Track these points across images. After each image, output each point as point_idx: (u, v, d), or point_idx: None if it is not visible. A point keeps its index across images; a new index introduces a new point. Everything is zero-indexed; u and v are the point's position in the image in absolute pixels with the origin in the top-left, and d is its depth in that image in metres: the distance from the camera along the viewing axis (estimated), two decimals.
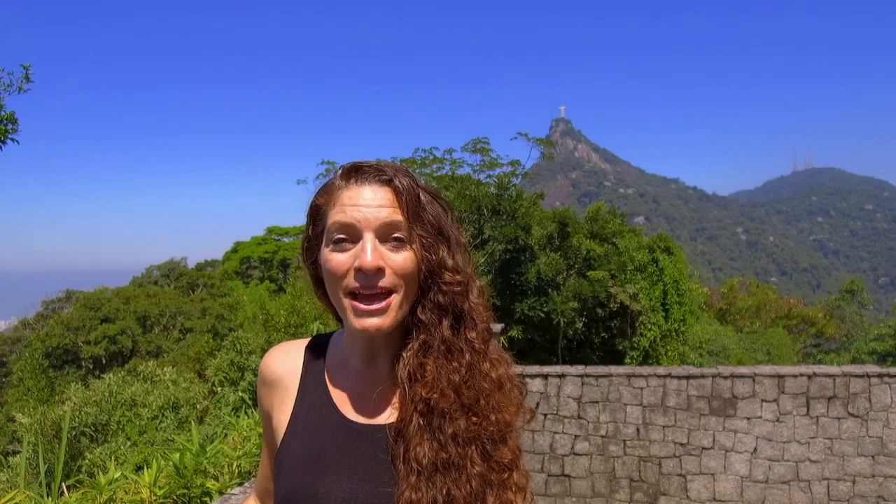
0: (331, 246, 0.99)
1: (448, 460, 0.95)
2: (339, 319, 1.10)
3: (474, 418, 0.98)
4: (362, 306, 0.96)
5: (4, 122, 6.37)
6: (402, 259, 0.98)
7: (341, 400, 1.07)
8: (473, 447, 0.97)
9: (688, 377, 7.90)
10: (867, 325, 26.40)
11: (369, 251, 0.95)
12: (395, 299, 0.97)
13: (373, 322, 0.96)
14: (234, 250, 39.86)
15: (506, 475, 0.99)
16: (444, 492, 0.94)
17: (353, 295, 0.97)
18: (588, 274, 16.51)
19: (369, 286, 0.96)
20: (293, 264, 34.37)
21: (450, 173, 17.56)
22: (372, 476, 0.99)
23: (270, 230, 40.06)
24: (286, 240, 39.19)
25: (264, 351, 11.93)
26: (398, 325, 1.02)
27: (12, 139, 6.48)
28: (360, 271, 0.96)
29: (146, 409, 10.58)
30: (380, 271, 0.96)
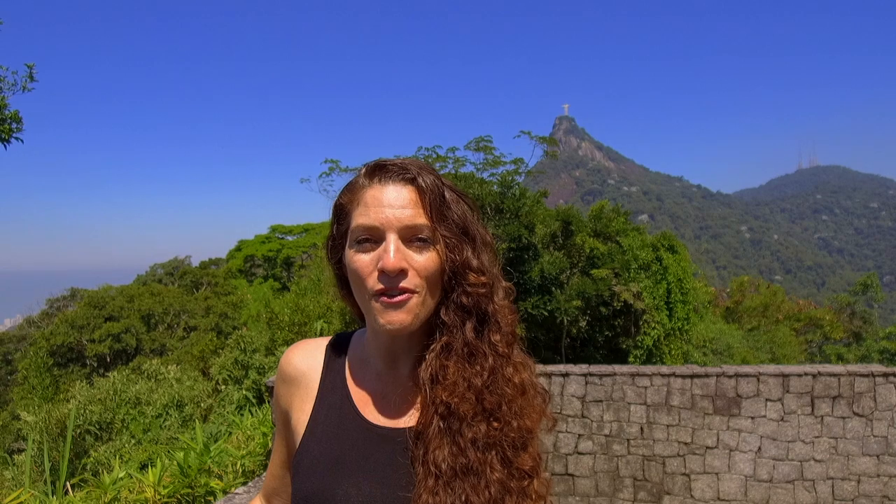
0: (355, 247, 0.99)
1: (467, 465, 0.94)
2: (361, 318, 1.09)
3: (496, 423, 0.97)
4: (387, 300, 0.95)
5: (9, 121, 6.38)
6: (426, 259, 0.97)
7: (362, 402, 1.06)
8: (493, 453, 0.96)
9: (692, 376, 7.88)
10: (875, 324, 26.29)
11: (392, 252, 0.94)
12: (415, 298, 0.96)
13: (397, 317, 0.95)
14: (238, 249, 39.93)
15: (526, 482, 0.98)
16: (463, 498, 0.92)
17: (376, 295, 0.96)
18: (592, 272, 16.47)
19: (392, 287, 0.95)
20: (297, 263, 34.41)
21: (453, 172, 17.55)
22: (391, 480, 0.97)
23: (274, 228, 40.10)
24: (290, 238, 39.23)
25: (268, 349, 11.99)
26: (421, 326, 1.00)
27: (16, 138, 6.49)
28: (383, 272, 0.95)
29: (150, 408, 10.62)
30: (402, 272, 0.95)
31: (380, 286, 0.95)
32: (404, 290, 0.95)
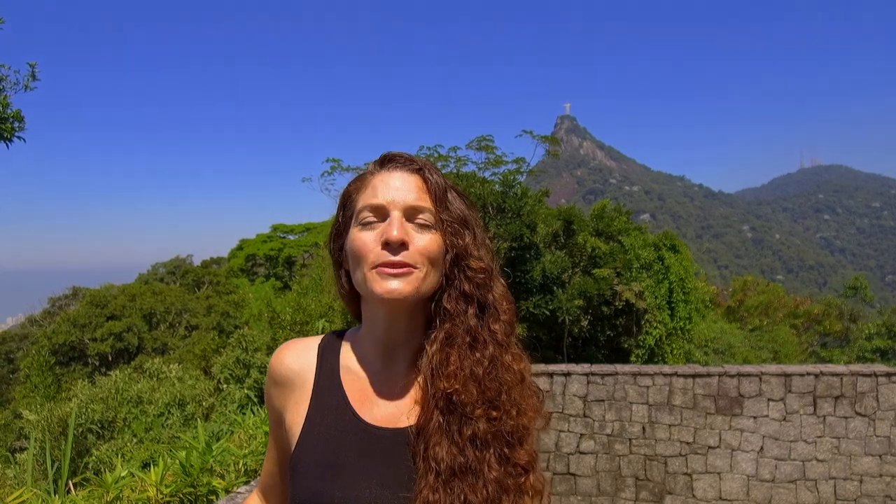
0: (359, 226, 1.01)
1: (465, 465, 0.94)
2: (358, 316, 1.10)
3: (494, 413, 0.98)
4: (386, 269, 0.96)
5: (11, 120, 6.37)
6: (428, 241, 0.99)
7: (358, 402, 1.05)
8: (491, 450, 0.97)
9: (694, 376, 7.87)
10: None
11: (396, 225, 0.98)
12: (417, 272, 0.98)
13: (395, 285, 0.96)
14: (240, 248, 39.96)
15: (522, 478, 0.99)
16: (462, 497, 0.93)
17: (376, 267, 0.98)
18: (593, 272, 16.45)
19: (393, 260, 0.97)
20: (298, 262, 34.44)
21: (454, 171, 17.51)
22: (390, 481, 0.97)
23: (276, 228, 40.11)
24: (291, 237, 39.25)
25: (270, 348, 11.99)
26: (418, 315, 1.02)
27: (19, 137, 6.49)
28: (386, 245, 0.97)
29: (152, 406, 10.62)
30: (404, 245, 0.97)
31: (382, 259, 0.97)
32: (405, 264, 0.97)
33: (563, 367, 8.09)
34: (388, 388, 1.04)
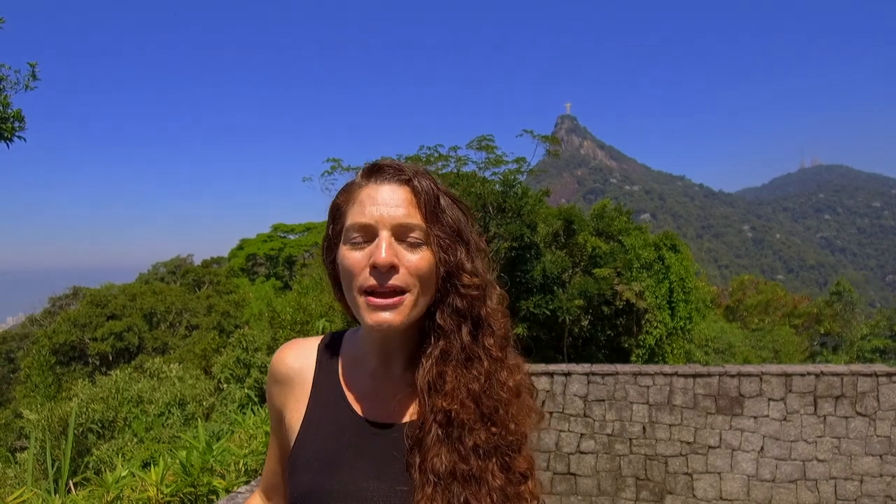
0: (348, 245, 0.99)
1: (468, 472, 0.94)
2: (356, 320, 1.09)
3: (493, 429, 0.98)
4: (375, 300, 0.95)
5: (11, 119, 6.38)
6: (417, 259, 0.97)
7: (356, 399, 1.06)
8: (494, 459, 0.96)
9: (694, 375, 7.86)
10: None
11: (384, 248, 0.95)
12: (407, 298, 0.96)
13: (385, 317, 0.95)
14: (240, 247, 39.98)
15: (522, 486, 0.99)
16: (462, 500, 0.93)
17: (367, 293, 0.96)
18: (594, 271, 16.45)
19: (383, 284, 0.95)
20: (298, 261, 34.45)
21: (455, 171, 17.50)
22: (387, 474, 0.98)
23: (276, 227, 40.13)
24: (292, 237, 39.27)
25: (270, 348, 11.99)
26: (414, 325, 1.01)
27: (19, 137, 6.49)
28: (374, 268, 0.95)
29: (153, 406, 10.62)
30: (393, 268, 0.95)
31: (370, 282, 0.95)
32: (395, 288, 0.95)
33: (563, 366, 8.09)
34: (385, 387, 1.05)
